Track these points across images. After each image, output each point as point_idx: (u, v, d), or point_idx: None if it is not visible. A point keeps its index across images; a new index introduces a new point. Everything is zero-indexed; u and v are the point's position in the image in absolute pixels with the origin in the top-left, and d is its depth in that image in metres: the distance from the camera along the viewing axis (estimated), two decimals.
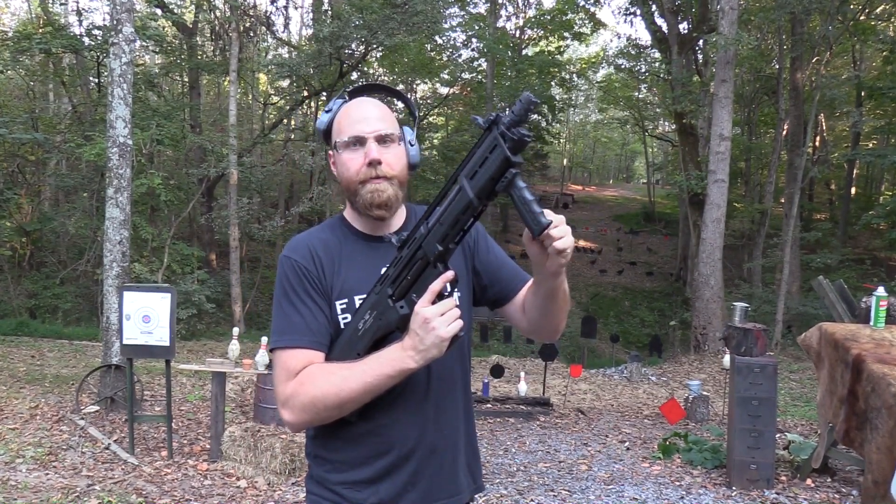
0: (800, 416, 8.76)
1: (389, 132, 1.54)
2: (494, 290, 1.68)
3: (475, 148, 1.33)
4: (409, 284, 1.42)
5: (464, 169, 1.34)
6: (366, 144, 1.52)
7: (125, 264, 7.16)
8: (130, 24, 7.26)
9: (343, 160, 1.55)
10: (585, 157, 52.38)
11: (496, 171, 1.28)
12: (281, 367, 1.49)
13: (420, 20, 15.63)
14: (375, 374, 1.39)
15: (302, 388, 1.44)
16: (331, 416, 1.45)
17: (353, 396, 1.41)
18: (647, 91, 31.44)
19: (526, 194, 1.27)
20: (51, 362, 10.16)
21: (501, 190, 1.29)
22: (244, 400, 7.95)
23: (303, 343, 1.49)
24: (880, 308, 3.32)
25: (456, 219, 1.34)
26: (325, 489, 1.56)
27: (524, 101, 1.27)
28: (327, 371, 1.45)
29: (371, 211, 1.54)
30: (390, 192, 1.53)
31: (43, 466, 5.33)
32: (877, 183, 30.47)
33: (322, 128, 1.61)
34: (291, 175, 24.49)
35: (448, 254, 1.39)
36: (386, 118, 1.56)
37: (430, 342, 1.35)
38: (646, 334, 20.77)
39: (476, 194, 1.31)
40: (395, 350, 1.39)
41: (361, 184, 1.52)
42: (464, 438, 1.63)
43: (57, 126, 17.44)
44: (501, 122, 1.28)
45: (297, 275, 1.53)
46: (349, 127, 1.54)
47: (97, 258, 14.00)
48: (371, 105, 1.57)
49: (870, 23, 18.29)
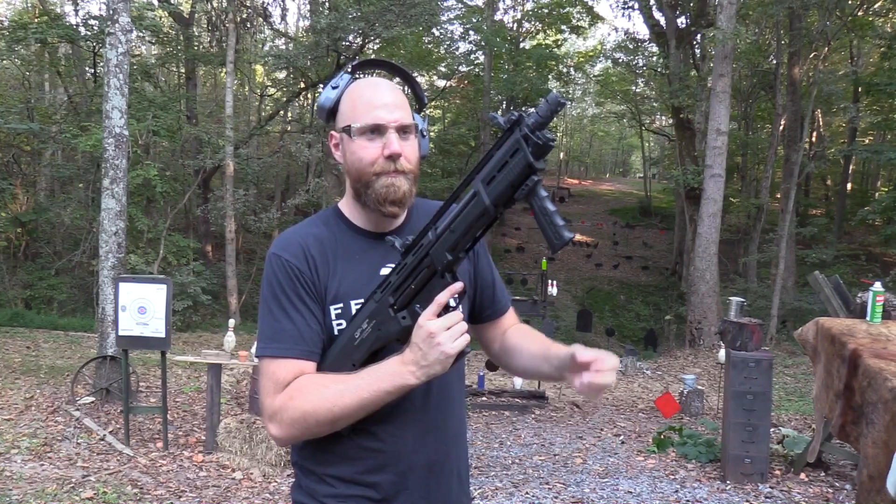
0: (794, 410, 8.79)
1: (409, 123, 1.41)
2: (483, 307, 1.61)
3: (493, 150, 1.23)
4: (413, 294, 1.32)
5: (480, 172, 1.24)
6: (385, 134, 1.38)
7: (121, 255, 7.14)
8: (127, 13, 7.22)
9: (356, 147, 1.40)
10: (582, 151, 52.36)
11: (517, 178, 1.19)
12: (269, 378, 1.38)
13: (418, 12, 15.58)
14: (372, 389, 1.29)
15: (292, 401, 1.34)
16: (322, 432, 1.36)
17: (347, 412, 1.31)
18: (645, 85, 31.44)
19: (548, 205, 1.19)
20: (46, 353, 10.15)
21: (521, 198, 1.21)
22: (240, 391, 7.96)
23: (293, 353, 1.37)
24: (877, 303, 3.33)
25: (469, 226, 1.25)
26: (315, 500, 1.45)
27: (551, 102, 1.18)
28: (320, 384, 1.34)
29: (384, 207, 1.40)
30: (406, 188, 1.40)
31: (38, 457, 5.33)
32: (872, 179, 30.52)
33: (328, 105, 1.46)
34: (288, 167, 24.47)
35: (457, 263, 1.30)
36: (404, 106, 1.42)
37: (434, 358, 1.25)
38: (641, 328, 20.81)
39: (493, 201, 1.21)
40: (395, 364, 1.29)
41: (376, 176, 1.39)
42: (459, 452, 1.54)
43: (53, 116, 17.38)
44: (525, 124, 1.19)
45: (287, 276, 1.40)
46: (367, 112, 1.39)
47: (93, 249, 13.98)
48: (389, 89, 1.43)
49: (868, 18, 18.27)
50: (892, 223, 18.21)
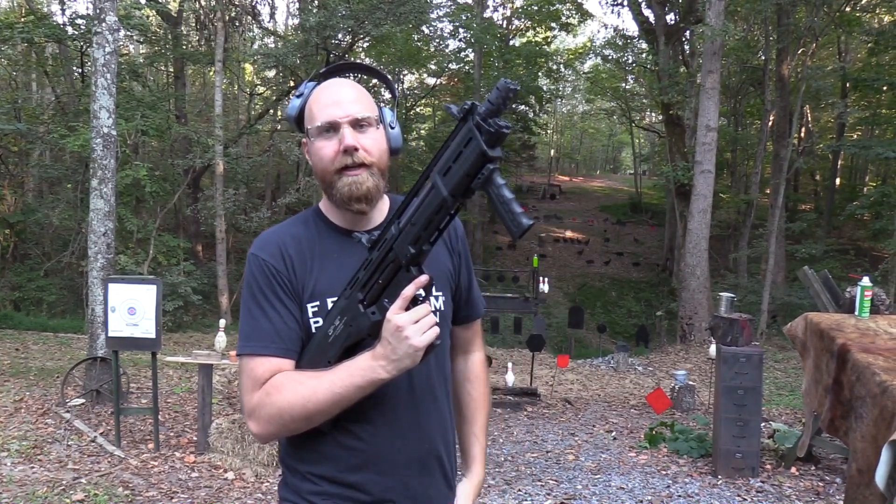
0: (784, 405, 8.84)
1: (365, 115, 1.41)
2: (459, 308, 1.61)
3: (449, 140, 1.21)
4: (381, 289, 1.32)
5: (436, 164, 1.23)
6: (339, 130, 1.39)
7: (110, 256, 7.10)
8: (114, 12, 7.17)
9: (316, 148, 1.42)
10: (573, 148, 52.52)
11: (472, 167, 1.17)
12: (247, 376, 1.40)
13: (407, 10, 15.57)
14: (345, 384, 1.30)
15: (268, 398, 1.35)
16: (299, 428, 1.37)
17: (321, 408, 1.32)
18: (634, 82, 31.52)
19: (505, 192, 1.17)
20: (35, 355, 10.09)
21: (478, 187, 1.18)
22: (231, 392, 7.91)
23: (270, 350, 1.39)
24: (865, 298, 3.34)
25: (429, 219, 1.24)
26: (301, 498, 1.45)
27: (501, 89, 1.15)
28: (295, 380, 1.35)
29: (350, 205, 1.42)
30: (370, 184, 1.41)
31: (28, 460, 5.29)
32: (861, 174, 30.70)
33: (293, 114, 1.48)
34: (278, 166, 24.41)
35: (422, 256, 1.29)
36: (361, 99, 1.42)
37: (403, 352, 1.26)
38: (632, 324, 20.89)
39: (450, 192, 1.20)
40: (366, 359, 1.30)
41: (338, 174, 1.40)
42: (445, 448, 1.54)
43: (40, 116, 17.27)
44: (477, 113, 1.16)
45: (265, 276, 1.41)
46: (320, 112, 1.41)
47: (82, 250, 13.90)
48: (345, 86, 1.44)
49: (855, 14, 18.37)
50: (880, 218, 18.32)
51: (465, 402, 1.69)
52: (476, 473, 1.65)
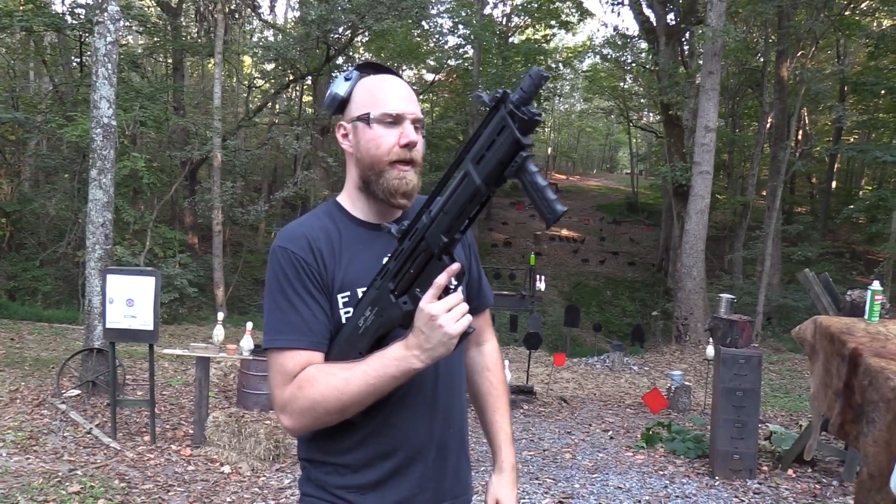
0: (780, 406, 8.86)
1: (422, 118, 1.46)
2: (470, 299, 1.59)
3: (480, 129, 1.23)
4: (413, 279, 1.33)
5: (469, 153, 1.24)
6: (402, 124, 1.42)
7: (108, 247, 7.06)
8: (115, 2, 7.12)
9: (373, 135, 1.42)
10: (570, 147, 52.48)
11: (505, 155, 1.19)
12: (277, 370, 1.39)
13: (408, 5, 15.53)
14: (378, 375, 1.30)
15: (301, 391, 1.35)
16: (332, 420, 1.37)
17: (355, 399, 1.32)
18: (633, 81, 31.49)
19: (538, 179, 1.17)
20: (31, 345, 10.04)
21: (511, 175, 1.20)
22: (227, 385, 7.92)
23: (300, 344, 1.39)
24: (875, 302, 3.34)
25: (462, 207, 1.25)
26: (327, 493, 1.45)
27: (534, 77, 1.16)
28: (327, 373, 1.35)
29: (394, 198, 1.43)
30: (415, 182, 1.44)
31: (24, 451, 5.27)
32: (857, 177, 30.80)
33: (343, 95, 1.47)
34: (275, 159, 24.37)
35: (453, 245, 1.30)
36: (417, 102, 1.47)
37: (438, 340, 1.27)
38: (628, 324, 20.90)
39: (484, 180, 1.21)
40: (399, 349, 1.30)
41: (390, 165, 1.41)
42: (463, 436, 1.58)
43: (38, 106, 17.14)
44: (510, 101, 1.18)
45: (294, 268, 1.40)
46: (387, 102, 1.42)
47: (78, 240, 13.85)
48: (406, 85, 1.47)
49: (855, 18, 18.40)
50: (875, 221, 18.36)
51: (486, 390, 1.72)
52: (509, 459, 1.70)
